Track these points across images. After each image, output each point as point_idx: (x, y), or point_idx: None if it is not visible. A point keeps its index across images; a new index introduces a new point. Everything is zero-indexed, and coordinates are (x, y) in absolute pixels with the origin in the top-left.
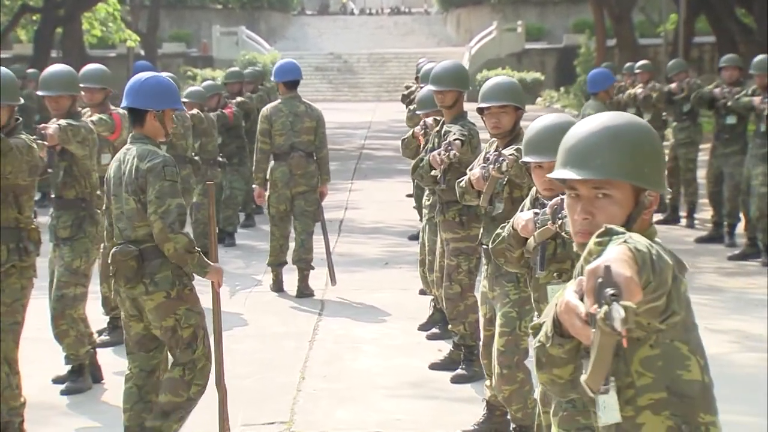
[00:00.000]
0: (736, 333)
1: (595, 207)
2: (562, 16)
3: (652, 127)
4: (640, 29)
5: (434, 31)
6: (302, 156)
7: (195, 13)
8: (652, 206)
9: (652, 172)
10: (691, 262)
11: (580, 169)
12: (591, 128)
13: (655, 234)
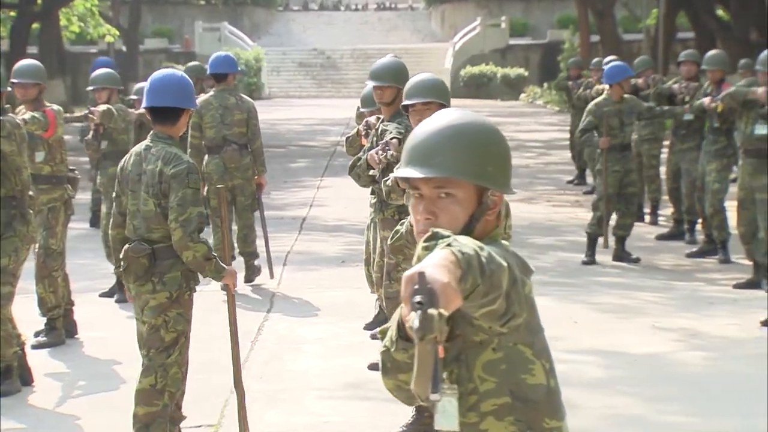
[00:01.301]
0: (684, 331)
1: (438, 207)
2: (546, 12)
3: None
4: (623, 24)
5: (419, 27)
6: (235, 149)
7: (178, 9)
8: (496, 207)
9: (496, 172)
10: (649, 260)
11: (422, 168)
12: (435, 127)
13: (500, 235)
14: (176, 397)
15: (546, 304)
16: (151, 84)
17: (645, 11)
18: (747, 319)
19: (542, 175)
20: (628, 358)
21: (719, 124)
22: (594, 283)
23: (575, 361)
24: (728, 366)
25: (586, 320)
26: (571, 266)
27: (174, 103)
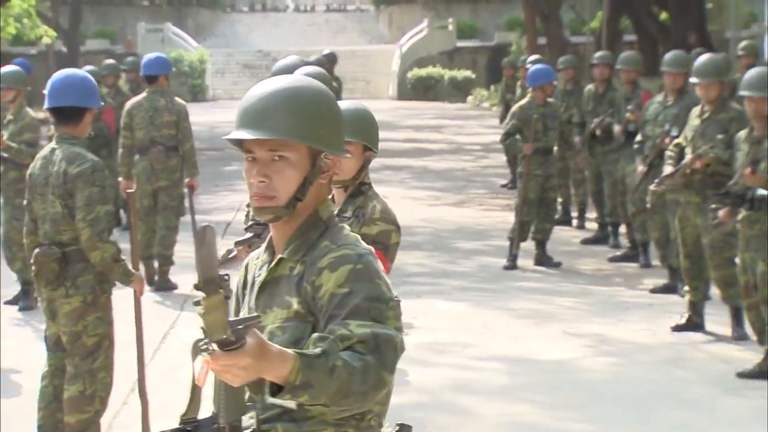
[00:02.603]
0: (594, 337)
1: (271, 170)
2: (494, 14)
3: None
4: (571, 27)
5: (366, 29)
6: (162, 150)
7: (121, 10)
8: (330, 170)
9: (329, 135)
10: (571, 264)
11: (255, 130)
12: (267, 89)
13: (330, 206)
14: (107, 402)
15: (461, 310)
16: (52, 85)
17: (590, 14)
18: (659, 325)
19: (477, 178)
20: (535, 364)
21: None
22: (513, 288)
23: (481, 369)
24: (634, 372)
25: (499, 326)
26: (492, 271)
27: (76, 103)
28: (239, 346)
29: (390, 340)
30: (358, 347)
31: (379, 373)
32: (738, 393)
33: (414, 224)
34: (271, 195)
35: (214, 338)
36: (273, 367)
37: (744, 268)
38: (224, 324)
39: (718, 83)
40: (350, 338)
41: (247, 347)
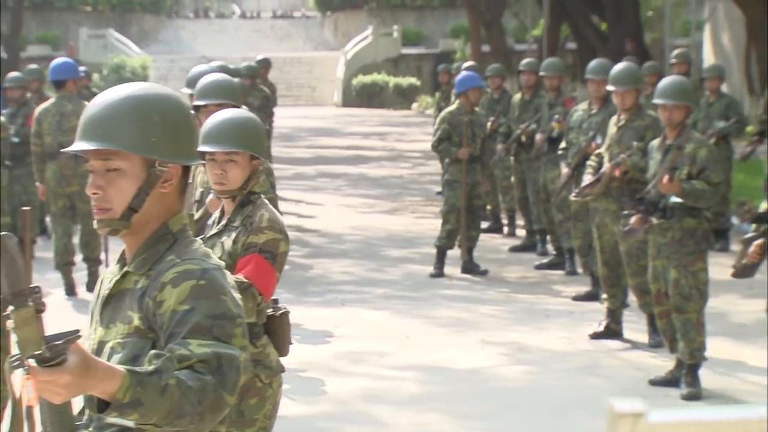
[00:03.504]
0: (512, 345)
1: (105, 181)
2: (439, 21)
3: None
4: (515, 34)
5: (312, 35)
6: (70, 156)
7: (63, 15)
8: (172, 179)
9: (162, 142)
10: (497, 272)
11: (85, 141)
12: (101, 99)
13: (183, 219)
14: (2, 414)
15: (383, 319)
16: None
17: (532, 22)
18: (578, 332)
19: (414, 185)
20: (451, 373)
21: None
22: (438, 296)
23: (396, 378)
24: (548, 380)
25: (419, 335)
26: (419, 279)
27: None
28: (59, 362)
29: (233, 360)
30: (198, 367)
31: (218, 394)
32: (648, 401)
33: (344, 232)
34: (106, 207)
35: (26, 354)
36: (99, 384)
37: (655, 276)
38: (38, 339)
39: (633, 91)
40: (189, 358)
41: (68, 363)
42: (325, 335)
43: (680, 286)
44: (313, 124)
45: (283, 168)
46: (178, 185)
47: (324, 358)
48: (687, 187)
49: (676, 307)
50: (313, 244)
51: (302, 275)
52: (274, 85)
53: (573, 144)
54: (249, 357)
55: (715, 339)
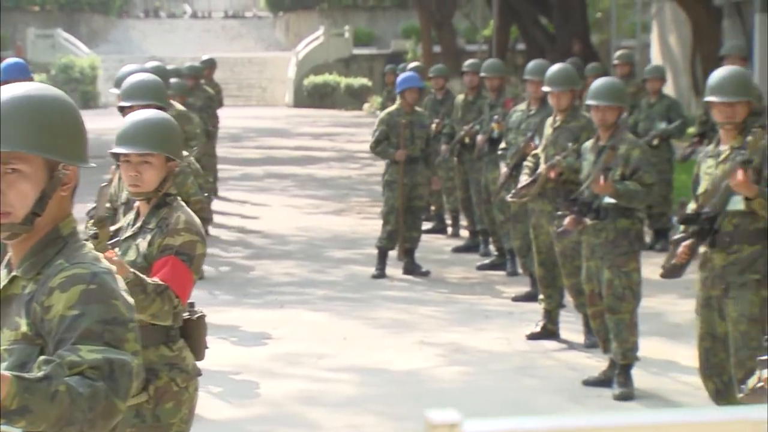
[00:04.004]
0: (450, 346)
1: (5, 183)
2: (390, 22)
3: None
4: (466, 35)
5: (263, 36)
6: None
7: (11, 15)
8: (71, 181)
9: (64, 144)
10: (439, 273)
11: None
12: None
13: (73, 222)
14: None
15: (322, 320)
16: None
17: (482, 23)
18: (516, 333)
19: (361, 186)
20: (387, 375)
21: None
22: (378, 297)
23: (331, 380)
24: (484, 381)
25: (357, 336)
26: (360, 280)
27: None
28: None
29: (125, 366)
30: (89, 373)
31: (110, 400)
32: (580, 401)
33: (288, 233)
34: (6, 211)
35: None
36: None
37: (589, 277)
38: None
39: (569, 92)
40: (80, 365)
41: None
42: (262, 337)
43: (613, 286)
44: (264, 125)
45: (230, 169)
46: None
47: (260, 361)
48: (620, 188)
49: (610, 307)
50: (256, 245)
51: (243, 277)
52: (219, 86)
53: (512, 144)
54: (141, 362)
55: (650, 339)
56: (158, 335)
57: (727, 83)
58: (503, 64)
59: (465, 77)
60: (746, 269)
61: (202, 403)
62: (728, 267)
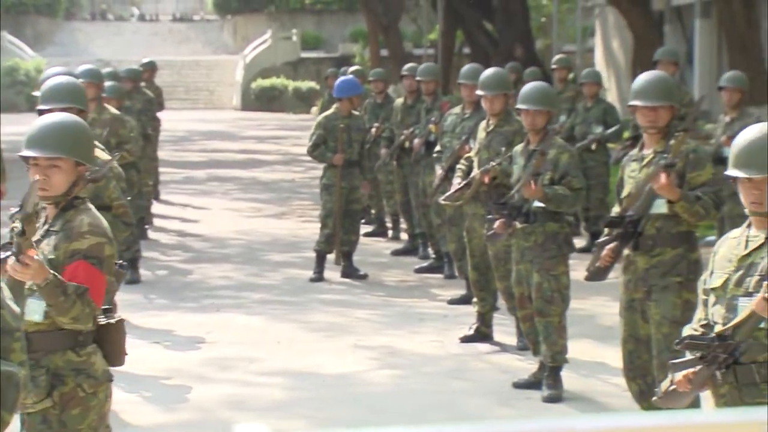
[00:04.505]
0: (383, 349)
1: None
2: (338, 26)
3: None
4: (413, 39)
5: (210, 39)
6: None
7: None
8: None
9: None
10: (377, 276)
11: None
12: None
13: None
14: None
15: (257, 324)
16: None
17: (427, 27)
18: (450, 336)
19: (304, 189)
20: (319, 379)
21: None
22: (315, 301)
23: (262, 384)
24: (415, 384)
25: (291, 340)
26: (298, 283)
27: None
28: None
29: (11, 377)
30: None
31: None
32: (510, 404)
33: (228, 236)
34: None
35: None
36: None
37: (519, 280)
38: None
39: (502, 96)
40: None
41: None
42: (196, 341)
43: (542, 289)
44: (210, 128)
45: (172, 172)
46: None
47: (191, 365)
48: (549, 192)
49: (539, 310)
50: (195, 248)
51: (180, 280)
52: (160, 89)
53: (447, 148)
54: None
55: (581, 341)
56: (66, 340)
57: (651, 88)
58: (438, 68)
59: (404, 81)
60: (668, 272)
61: (131, 409)
62: (651, 270)
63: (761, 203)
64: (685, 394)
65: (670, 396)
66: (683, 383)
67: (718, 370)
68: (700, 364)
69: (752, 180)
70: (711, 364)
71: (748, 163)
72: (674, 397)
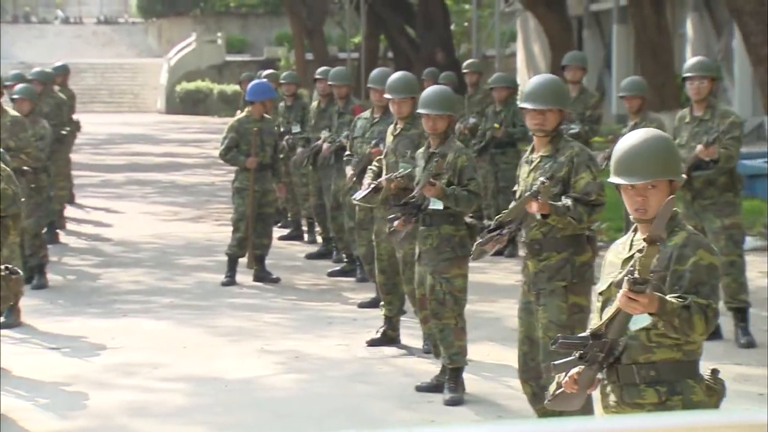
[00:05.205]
0: (290, 353)
1: None
2: (264, 29)
3: None
4: (339, 43)
5: (135, 42)
6: None
7: None
8: None
9: None
10: (289, 279)
11: None
12: None
13: None
14: None
15: (163, 329)
16: None
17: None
18: (357, 340)
19: (223, 192)
20: (222, 384)
21: None
22: (224, 305)
23: (164, 390)
24: (319, 389)
25: (197, 345)
26: (209, 287)
27: None
28: None
29: None
30: None
31: None
32: (411, 407)
33: (142, 240)
34: None
35: None
36: None
37: (420, 282)
38: None
39: (409, 99)
40: None
41: None
42: (99, 347)
43: (435, 292)
44: (132, 131)
45: (89, 175)
46: None
47: (93, 371)
48: (448, 191)
49: (433, 312)
50: (107, 253)
51: (88, 285)
52: (72, 92)
53: (357, 153)
54: None
55: (487, 343)
56: None
57: (540, 91)
58: (349, 72)
59: (317, 85)
60: (554, 276)
61: (26, 416)
62: (539, 274)
63: (645, 210)
64: (573, 395)
65: (559, 398)
66: (570, 384)
67: (600, 369)
68: (580, 364)
69: (635, 187)
70: (592, 363)
71: (629, 169)
72: (563, 399)
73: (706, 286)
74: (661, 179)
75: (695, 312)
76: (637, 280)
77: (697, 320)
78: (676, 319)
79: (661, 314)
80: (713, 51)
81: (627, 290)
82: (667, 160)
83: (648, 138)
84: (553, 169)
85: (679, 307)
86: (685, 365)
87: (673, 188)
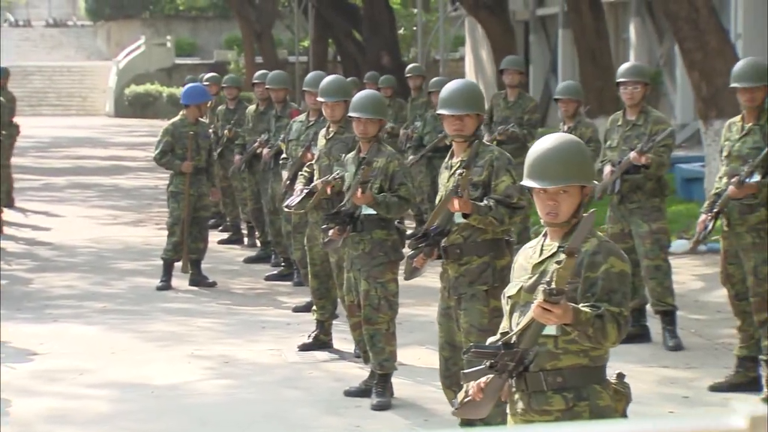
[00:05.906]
0: (220, 359)
1: None
2: (213, 32)
3: None
4: (289, 46)
5: (84, 44)
6: None
7: None
8: None
9: None
10: (225, 283)
11: None
12: None
13: None
14: None
15: (92, 334)
16: None
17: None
18: (289, 344)
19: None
20: (148, 390)
21: None
22: (158, 310)
23: (88, 396)
24: (247, 394)
25: (126, 350)
26: (143, 292)
27: None
28: None
29: None
30: None
31: None
32: (339, 412)
33: (79, 244)
34: None
35: None
36: None
37: (349, 288)
38: None
39: (342, 102)
40: None
41: None
42: (26, 353)
43: (369, 297)
44: (79, 134)
45: (30, 179)
46: None
47: (18, 378)
48: (379, 197)
49: (366, 317)
50: (42, 257)
51: (20, 290)
52: (12, 94)
53: (293, 156)
54: None
55: (420, 348)
56: None
57: (456, 97)
58: (287, 76)
59: (255, 89)
60: (475, 280)
61: None
62: (459, 278)
63: (556, 213)
64: (480, 403)
65: (467, 406)
66: (477, 393)
67: (509, 378)
68: (490, 373)
69: (547, 191)
70: (501, 372)
71: (542, 173)
72: (471, 407)
73: (617, 294)
74: (573, 184)
75: (608, 321)
76: (553, 291)
77: (611, 329)
78: (590, 329)
79: (575, 324)
80: (656, 56)
81: (542, 301)
82: (580, 165)
83: (562, 143)
84: (473, 173)
85: (592, 317)
86: (592, 371)
87: (585, 194)
